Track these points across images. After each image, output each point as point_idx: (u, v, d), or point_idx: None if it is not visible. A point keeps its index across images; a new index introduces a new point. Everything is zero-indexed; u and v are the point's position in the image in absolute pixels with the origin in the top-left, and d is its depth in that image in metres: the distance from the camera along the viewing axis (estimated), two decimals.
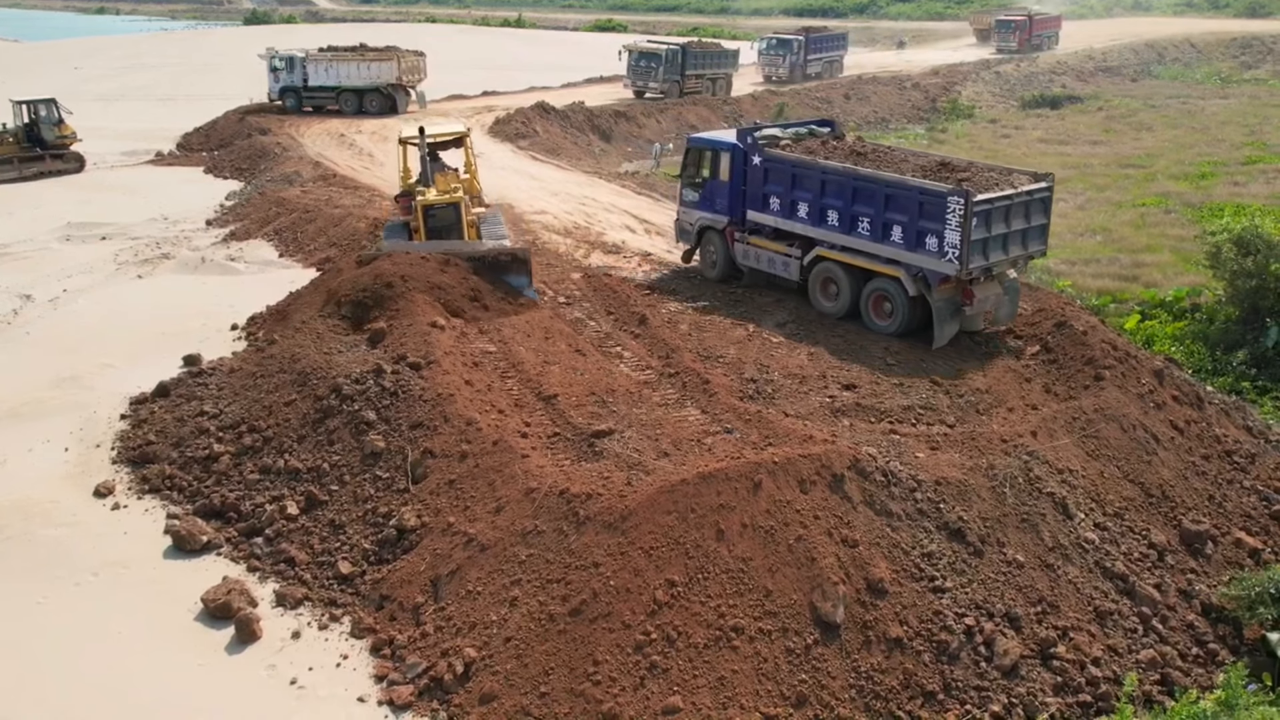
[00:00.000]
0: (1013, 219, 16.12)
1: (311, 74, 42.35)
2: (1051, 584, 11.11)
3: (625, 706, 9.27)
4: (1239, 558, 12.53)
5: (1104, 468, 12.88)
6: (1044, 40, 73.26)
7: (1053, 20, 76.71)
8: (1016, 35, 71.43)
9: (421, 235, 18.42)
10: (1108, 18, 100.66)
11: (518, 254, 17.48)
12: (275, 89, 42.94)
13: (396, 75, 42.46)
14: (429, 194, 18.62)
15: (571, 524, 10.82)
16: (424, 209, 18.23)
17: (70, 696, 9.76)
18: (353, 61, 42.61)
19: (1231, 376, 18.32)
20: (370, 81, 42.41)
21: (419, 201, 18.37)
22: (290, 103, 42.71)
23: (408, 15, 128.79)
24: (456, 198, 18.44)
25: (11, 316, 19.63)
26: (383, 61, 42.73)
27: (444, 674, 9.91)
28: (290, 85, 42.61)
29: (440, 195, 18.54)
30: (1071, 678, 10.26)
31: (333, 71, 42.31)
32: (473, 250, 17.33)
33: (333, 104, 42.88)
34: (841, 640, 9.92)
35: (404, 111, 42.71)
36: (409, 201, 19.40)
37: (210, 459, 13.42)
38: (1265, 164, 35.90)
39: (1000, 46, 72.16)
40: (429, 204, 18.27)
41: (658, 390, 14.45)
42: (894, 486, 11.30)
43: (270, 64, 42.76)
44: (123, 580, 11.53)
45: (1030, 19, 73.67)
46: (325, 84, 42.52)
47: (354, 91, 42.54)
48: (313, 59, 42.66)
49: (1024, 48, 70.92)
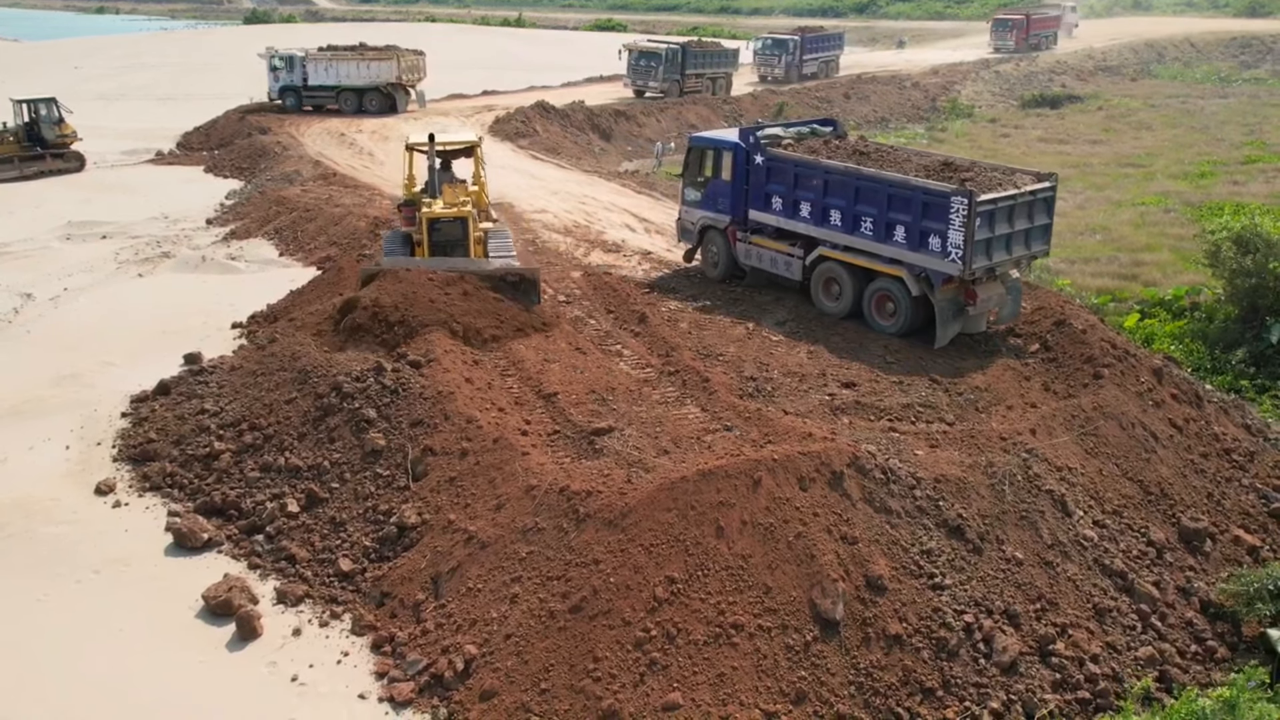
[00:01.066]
0: (1016, 219, 16.12)
1: (311, 73, 42.35)
2: (1050, 581, 11.13)
3: (625, 703, 9.29)
4: (1237, 555, 12.56)
5: (1103, 465, 12.91)
6: (1042, 40, 72.92)
7: (1051, 20, 76.49)
8: (1013, 34, 71.04)
9: (425, 250, 17.34)
10: (1108, 17, 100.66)
11: (526, 275, 16.51)
12: (275, 88, 42.95)
13: (396, 74, 42.48)
14: (435, 206, 17.43)
15: (572, 521, 10.85)
16: (429, 222, 17.09)
17: (71, 694, 9.79)
18: (352, 61, 42.61)
19: (1231, 375, 18.34)
20: (370, 81, 42.41)
21: (424, 214, 17.22)
22: (290, 102, 42.74)
23: (408, 15, 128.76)
24: (465, 212, 17.31)
25: (12, 315, 19.66)
26: (382, 61, 42.75)
27: (444, 671, 9.93)
28: (290, 84, 42.60)
29: (447, 208, 17.36)
30: (1070, 674, 10.28)
31: (332, 71, 42.31)
32: (479, 269, 16.34)
33: (333, 103, 42.90)
34: (841, 637, 9.94)
35: (403, 111, 42.76)
36: (412, 212, 18.21)
37: (211, 457, 13.45)
38: (1265, 163, 35.95)
39: (997, 45, 71.79)
40: (435, 217, 17.12)
41: (658, 388, 14.48)
42: (893, 484, 11.31)
43: (270, 63, 42.76)
44: (124, 578, 11.56)
45: (1028, 18, 73.43)
46: (325, 83, 42.51)
47: (354, 91, 42.54)
48: (312, 58, 42.66)
49: (1021, 47, 70.60)
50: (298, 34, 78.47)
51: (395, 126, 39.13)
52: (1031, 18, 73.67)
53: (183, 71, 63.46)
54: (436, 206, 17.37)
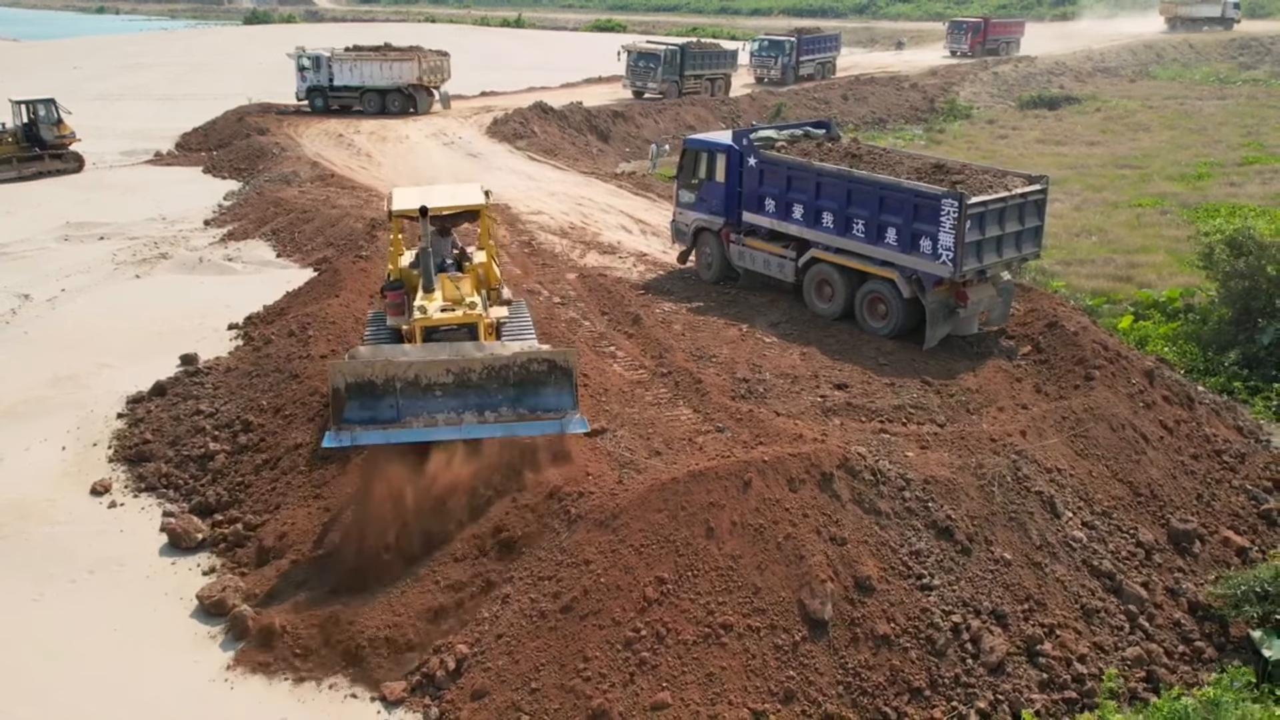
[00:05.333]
0: (1007, 221, 16.19)
1: (336, 73, 42.11)
2: (1039, 582, 11.21)
3: (615, 702, 9.37)
4: (1226, 556, 12.63)
5: (1093, 467, 12.98)
6: (1001, 45, 70.39)
7: (1015, 25, 75.12)
8: (968, 37, 69.39)
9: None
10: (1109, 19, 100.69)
11: (557, 361, 12.01)
12: (302, 89, 42.66)
13: (417, 75, 42.18)
14: (430, 306, 12.74)
15: (563, 522, 10.93)
16: (424, 331, 12.58)
17: (66, 692, 9.85)
18: (375, 61, 42.39)
19: (1224, 377, 18.41)
20: (392, 82, 42.10)
21: (417, 321, 12.57)
22: (317, 103, 42.53)
23: (408, 15, 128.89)
24: (472, 317, 12.70)
25: (10, 316, 19.72)
26: (403, 61, 42.43)
27: (436, 670, 10.01)
28: (317, 85, 42.38)
29: (447, 309, 12.75)
30: (1057, 674, 10.36)
31: (356, 71, 42.07)
32: (491, 358, 11.93)
33: (358, 104, 42.59)
34: (829, 637, 10.02)
35: (424, 112, 42.37)
36: (399, 297, 13.58)
37: (206, 457, 13.53)
38: (1262, 164, 35.99)
39: (952, 49, 70.09)
40: (430, 326, 12.58)
41: (650, 389, 14.56)
42: (883, 485, 11.39)
43: (298, 63, 42.48)
44: (118, 578, 11.63)
45: (986, 22, 71.99)
46: (350, 83, 42.25)
47: (377, 92, 42.27)
48: (338, 58, 42.42)
49: (975, 51, 68.51)
50: (303, 34, 78.54)
51: (394, 127, 39.23)
52: (990, 22, 72.76)
53: (181, 72, 63.56)
54: (432, 306, 12.74)
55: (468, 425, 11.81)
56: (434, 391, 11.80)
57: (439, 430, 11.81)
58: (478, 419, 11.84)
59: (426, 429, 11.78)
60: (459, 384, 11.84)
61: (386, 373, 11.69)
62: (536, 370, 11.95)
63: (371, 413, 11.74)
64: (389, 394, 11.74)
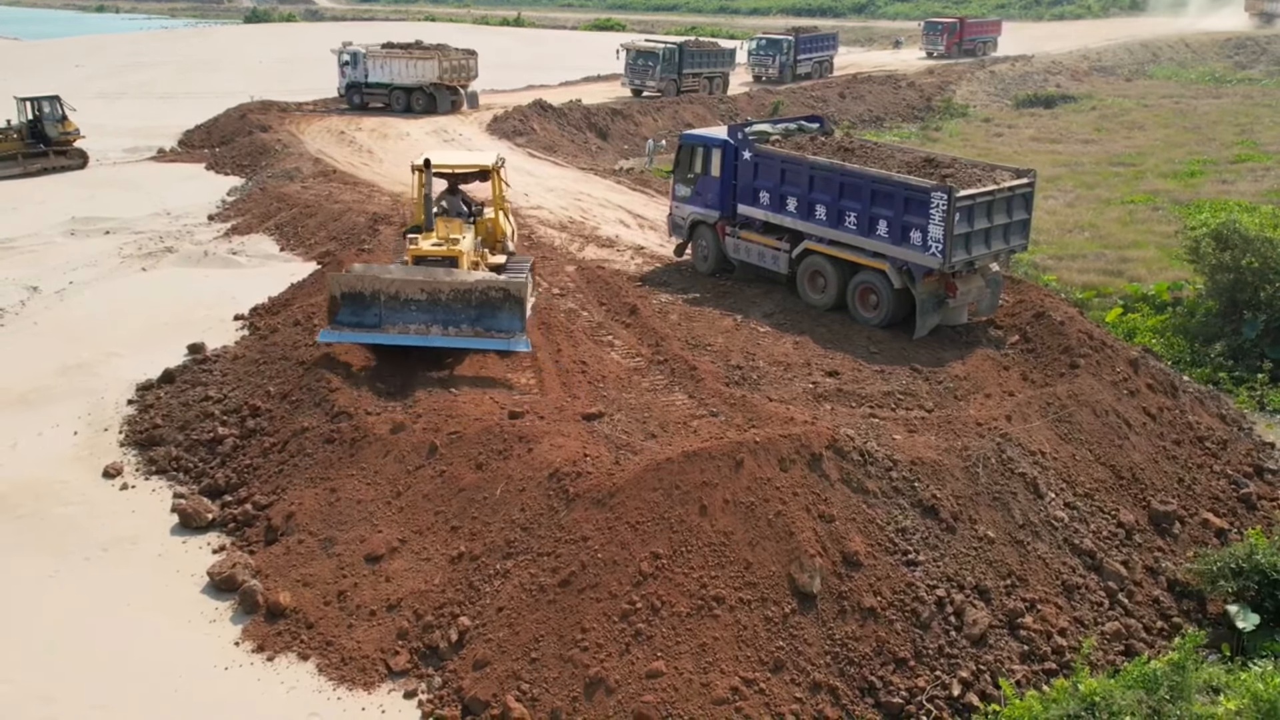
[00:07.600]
0: (995, 214, 16.57)
1: (370, 70, 42.49)
2: (1021, 559, 11.59)
3: (611, 671, 9.75)
4: (1205, 537, 13.02)
5: (1076, 450, 13.35)
6: (978, 45, 69.92)
7: (991, 25, 74.73)
8: (944, 38, 68.97)
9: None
10: (1104, 18, 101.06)
11: (510, 289, 14.55)
12: (342, 85, 43.21)
13: (437, 74, 42.33)
14: (424, 242, 15.63)
15: (562, 500, 11.32)
16: (414, 260, 15.48)
17: (81, 665, 10.23)
18: (401, 59, 42.72)
19: (1210, 368, 18.81)
20: (416, 80, 42.34)
21: (410, 250, 15.63)
22: (354, 99, 42.93)
23: (407, 14, 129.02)
24: (453, 251, 15.42)
25: (19, 308, 20.08)
26: (425, 60, 42.69)
27: (439, 641, 10.40)
28: (354, 81, 42.81)
29: (436, 245, 15.56)
30: (1038, 647, 10.75)
31: (386, 68, 42.37)
32: (458, 283, 14.55)
33: (388, 101, 42.85)
34: (818, 609, 10.40)
35: (444, 111, 42.50)
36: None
37: (215, 441, 13.90)
38: (1254, 162, 36.34)
39: (929, 50, 69.73)
40: (419, 255, 15.46)
41: (647, 376, 14.94)
42: (870, 466, 11.76)
43: (340, 58, 42.92)
44: (131, 555, 12.02)
45: (962, 22, 71.68)
46: (381, 81, 42.58)
47: (404, 89, 42.57)
48: (372, 55, 42.71)
49: (951, 52, 68.18)
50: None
51: (395, 125, 39.57)
52: (966, 22, 72.40)
53: (183, 70, 63.87)
54: (425, 243, 15.61)
55: (434, 335, 14.45)
56: (410, 306, 14.51)
57: (410, 338, 14.50)
58: (443, 332, 14.49)
59: (400, 335, 14.48)
60: (430, 301, 14.48)
61: (373, 286, 14.50)
62: (494, 296, 14.54)
63: (359, 318, 14.56)
64: (374, 304, 14.52)
